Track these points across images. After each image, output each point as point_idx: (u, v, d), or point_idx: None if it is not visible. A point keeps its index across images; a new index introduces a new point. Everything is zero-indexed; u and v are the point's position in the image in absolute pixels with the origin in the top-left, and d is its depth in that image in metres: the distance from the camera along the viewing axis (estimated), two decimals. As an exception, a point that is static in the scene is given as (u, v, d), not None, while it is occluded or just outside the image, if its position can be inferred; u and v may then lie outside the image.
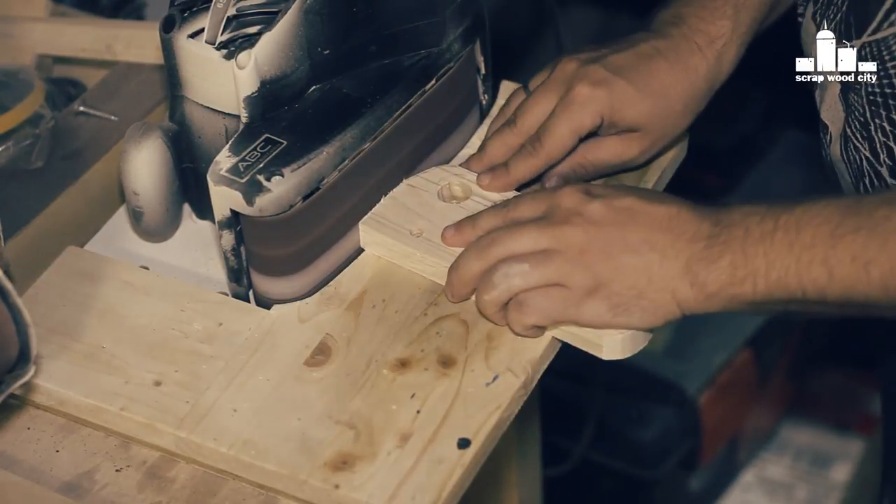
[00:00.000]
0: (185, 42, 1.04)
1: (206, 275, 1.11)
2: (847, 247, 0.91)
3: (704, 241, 0.95)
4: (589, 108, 1.06)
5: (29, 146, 1.17)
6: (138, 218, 1.10)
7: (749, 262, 0.93)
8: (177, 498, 0.97)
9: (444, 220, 1.06)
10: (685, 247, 0.95)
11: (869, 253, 0.90)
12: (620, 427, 1.92)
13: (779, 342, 2.06)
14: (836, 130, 1.05)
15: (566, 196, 0.99)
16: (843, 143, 1.04)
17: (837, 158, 1.06)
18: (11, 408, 1.02)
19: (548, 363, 1.02)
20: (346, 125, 1.04)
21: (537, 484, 1.54)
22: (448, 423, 0.97)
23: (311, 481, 0.94)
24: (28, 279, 1.08)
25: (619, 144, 1.09)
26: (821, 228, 0.92)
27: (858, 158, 1.03)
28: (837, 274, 0.91)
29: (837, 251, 0.91)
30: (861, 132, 1.02)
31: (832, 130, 1.06)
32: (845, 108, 1.04)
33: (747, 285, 0.93)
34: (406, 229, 1.06)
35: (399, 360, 1.01)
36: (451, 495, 0.94)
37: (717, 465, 2.03)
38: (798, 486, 2.12)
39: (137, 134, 1.08)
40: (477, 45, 1.14)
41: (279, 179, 1.00)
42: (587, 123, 1.07)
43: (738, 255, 0.94)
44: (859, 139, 1.02)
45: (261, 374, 1.01)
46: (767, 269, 0.93)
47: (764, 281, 0.93)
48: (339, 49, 1.06)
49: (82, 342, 1.03)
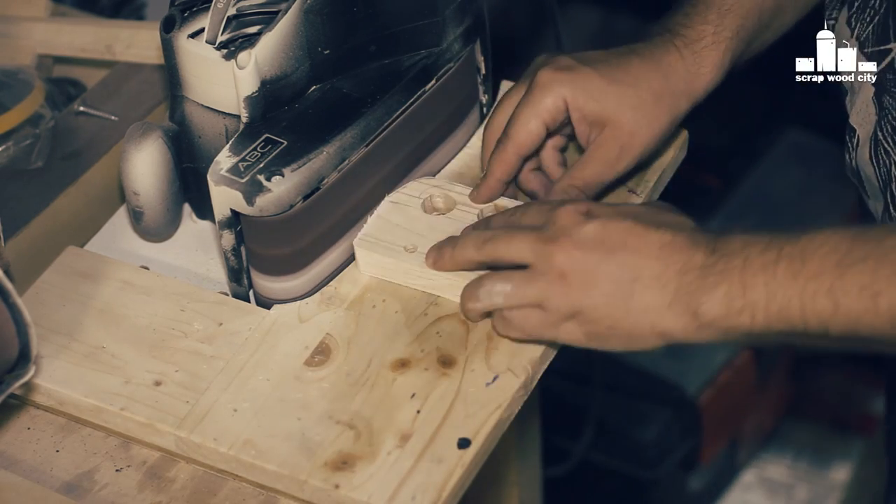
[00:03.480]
0: (185, 42, 1.04)
1: (206, 275, 1.11)
2: (855, 277, 0.88)
3: (697, 270, 0.93)
4: (551, 92, 1.05)
5: (29, 146, 1.17)
6: (138, 218, 1.10)
7: (748, 292, 0.91)
8: (177, 498, 0.97)
9: (435, 233, 1.06)
10: (674, 278, 0.93)
11: (878, 284, 0.87)
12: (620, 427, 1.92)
13: (779, 342, 2.06)
14: (866, 134, 1.04)
15: (564, 212, 0.97)
16: (872, 146, 1.03)
17: (865, 162, 1.05)
18: (11, 408, 1.02)
19: (548, 363, 1.02)
20: (346, 125, 1.04)
21: (537, 484, 1.54)
22: (448, 423, 0.97)
23: (311, 481, 0.94)
24: (28, 279, 1.08)
25: (596, 150, 1.07)
26: (828, 258, 0.89)
27: (889, 163, 1.02)
28: (843, 305, 0.88)
29: (845, 281, 0.88)
30: (893, 136, 1.01)
31: (860, 134, 1.05)
32: (878, 111, 1.03)
33: (745, 317, 0.91)
34: (399, 246, 1.06)
35: (399, 360, 1.01)
36: (451, 495, 0.94)
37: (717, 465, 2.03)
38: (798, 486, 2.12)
39: (137, 134, 1.08)
40: (477, 45, 1.14)
41: (279, 179, 1.00)
42: (549, 106, 1.05)
43: (735, 285, 0.91)
44: (890, 143, 1.01)
45: (261, 374, 1.01)
46: (768, 301, 0.90)
47: (763, 313, 0.91)
48: (339, 49, 1.06)
49: (82, 342, 1.03)
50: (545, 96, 1.06)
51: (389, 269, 1.05)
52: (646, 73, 1.06)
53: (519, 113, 1.06)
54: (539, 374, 1.01)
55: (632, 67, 1.06)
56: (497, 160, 1.07)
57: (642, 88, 1.06)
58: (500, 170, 1.08)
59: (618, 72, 1.06)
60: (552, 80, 1.06)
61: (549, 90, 1.05)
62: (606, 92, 1.06)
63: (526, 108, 1.06)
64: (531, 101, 1.06)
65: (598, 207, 0.98)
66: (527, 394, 1.00)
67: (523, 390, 0.99)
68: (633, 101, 1.06)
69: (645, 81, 1.06)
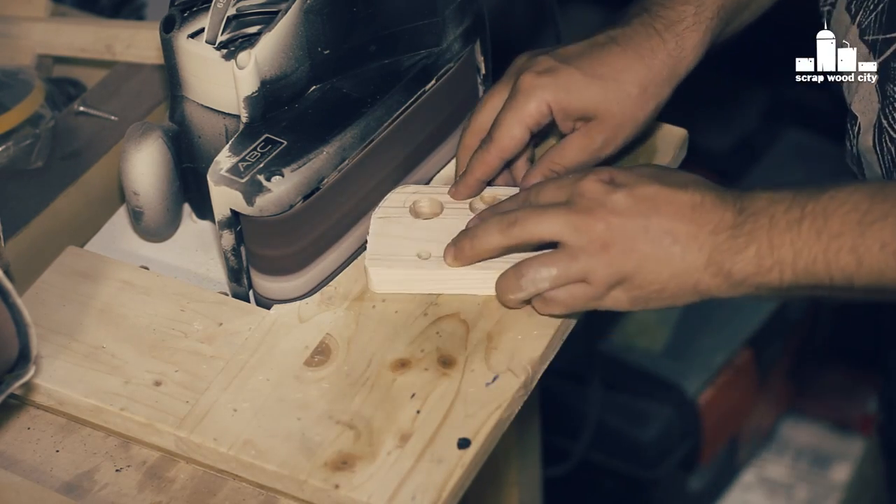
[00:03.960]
0: (185, 42, 1.04)
1: (206, 275, 1.11)
2: (876, 234, 0.91)
3: (728, 230, 0.95)
4: (534, 97, 1.06)
5: (29, 146, 1.17)
6: (138, 218, 1.10)
7: (775, 251, 0.94)
8: (177, 498, 0.97)
9: (439, 234, 1.06)
10: (708, 238, 0.96)
11: None
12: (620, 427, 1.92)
13: (779, 342, 2.06)
14: (868, 121, 1.05)
15: (590, 184, 0.99)
16: (876, 133, 1.04)
17: (867, 149, 1.06)
18: (11, 408, 1.02)
19: (548, 363, 1.02)
20: (346, 125, 1.04)
21: (537, 484, 1.54)
22: (448, 423, 0.97)
23: (311, 481, 0.94)
24: (28, 279, 1.08)
25: (580, 139, 1.07)
26: (849, 216, 0.92)
27: (894, 149, 1.03)
28: (866, 262, 0.92)
29: (866, 239, 0.92)
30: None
31: (862, 121, 1.05)
32: (881, 99, 1.03)
33: (774, 274, 0.94)
34: (412, 255, 1.05)
35: (399, 360, 1.01)
36: (451, 495, 0.94)
37: (717, 465, 2.03)
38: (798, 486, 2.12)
39: (137, 134, 1.08)
40: (477, 45, 1.14)
41: (279, 179, 1.00)
42: (533, 112, 1.06)
43: (763, 244, 0.94)
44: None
45: (261, 374, 1.01)
46: (795, 258, 0.93)
47: (791, 270, 0.94)
48: (339, 49, 1.06)
49: (82, 342, 1.03)
50: (528, 102, 1.06)
51: (408, 281, 1.05)
52: (626, 66, 1.06)
53: (503, 119, 1.07)
54: (539, 374, 1.01)
55: (614, 60, 1.07)
56: (480, 161, 1.08)
57: (626, 81, 1.06)
58: (482, 171, 1.08)
59: (600, 66, 1.06)
60: (534, 85, 1.06)
61: (532, 95, 1.06)
62: (590, 89, 1.06)
63: (509, 114, 1.06)
64: (514, 106, 1.06)
65: (618, 174, 0.99)
66: (527, 394, 1.00)
67: (523, 390, 0.99)
68: (618, 94, 1.06)
69: (628, 73, 1.06)
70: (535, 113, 1.06)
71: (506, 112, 1.07)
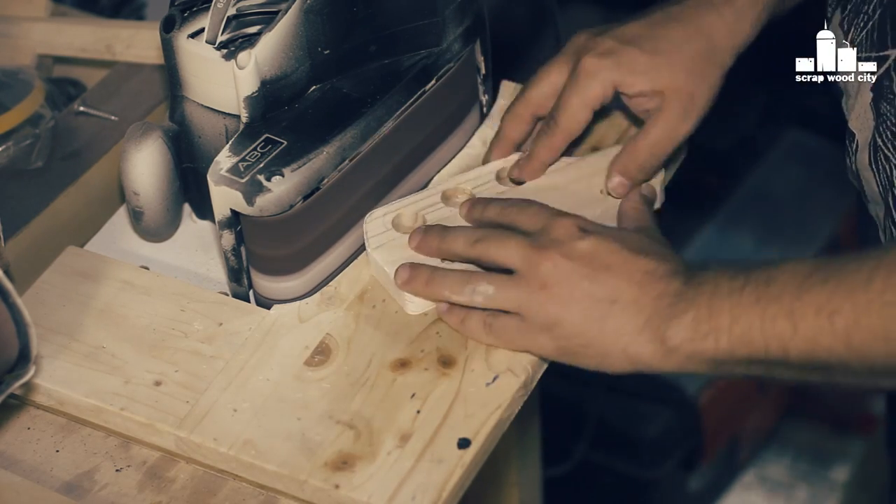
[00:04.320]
0: (185, 42, 1.04)
1: (206, 275, 1.11)
2: (813, 298, 0.89)
3: (671, 298, 0.94)
4: (598, 79, 1.06)
5: (29, 146, 1.17)
6: (138, 218, 1.10)
7: (714, 317, 0.92)
8: (177, 498, 0.97)
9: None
10: (649, 303, 0.94)
11: (834, 303, 0.88)
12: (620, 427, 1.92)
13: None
14: (864, 139, 1.04)
15: (562, 223, 0.98)
16: (871, 152, 1.03)
17: (864, 167, 1.05)
18: (11, 408, 1.02)
19: (548, 363, 1.02)
20: (346, 125, 1.04)
21: (537, 484, 1.54)
22: (448, 423, 0.97)
23: (311, 481, 0.94)
24: (28, 279, 1.08)
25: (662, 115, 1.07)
26: (790, 281, 0.90)
27: (889, 168, 1.02)
28: (801, 327, 0.89)
29: (803, 302, 0.89)
30: (892, 142, 1.01)
31: (859, 139, 1.05)
32: (875, 118, 1.03)
33: (709, 341, 0.92)
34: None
35: (399, 360, 1.01)
36: (451, 495, 0.94)
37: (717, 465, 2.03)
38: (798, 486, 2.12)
39: (137, 134, 1.08)
40: (477, 45, 1.14)
41: (279, 179, 1.00)
42: (598, 94, 1.07)
43: (702, 310, 0.92)
44: (890, 149, 1.01)
45: (261, 374, 1.01)
46: (731, 324, 0.91)
47: (727, 336, 0.91)
48: (339, 49, 1.06)
49: (82, 342, 1.03)
50: (593, 86, 1.07)
51: None
52: (686, 40, 1.07)
53: (568, 102, 1.07)
54: (539, 374, 1.01)
55: (673, 34, 1.07)
56: (545, 146, 1.09)
57: (689, 52, 1.07)
58: (548, 154, 1.09)
59: (661, 42, 1.07)
60: (598, 67, 1.06)
61: (597, 77, 1.06)
62: (655, 65, 1.06)
63: (574, 98, 1.07)
64: (579, 89, 1.07)
65: (594, 226, 0.99)
66: (527, 394, 1.00)
67: (523, 390, 0.99)
68: (684, 64, 1.07)
69: (688, 45, 1.07)
70: (599, 95, 1.07)
71: (570, 95, 1.07)
